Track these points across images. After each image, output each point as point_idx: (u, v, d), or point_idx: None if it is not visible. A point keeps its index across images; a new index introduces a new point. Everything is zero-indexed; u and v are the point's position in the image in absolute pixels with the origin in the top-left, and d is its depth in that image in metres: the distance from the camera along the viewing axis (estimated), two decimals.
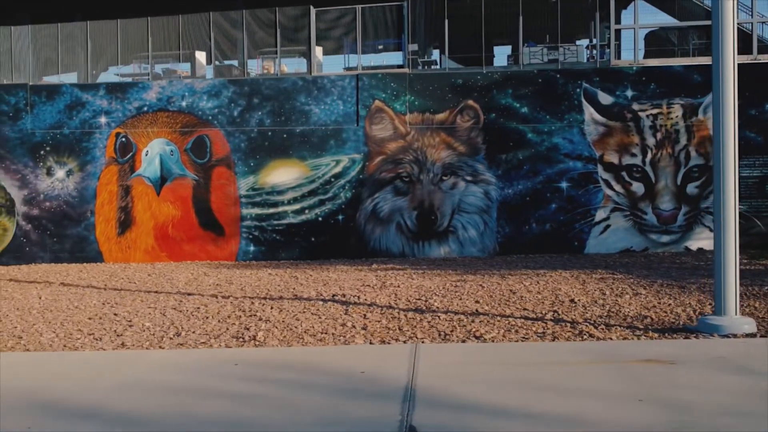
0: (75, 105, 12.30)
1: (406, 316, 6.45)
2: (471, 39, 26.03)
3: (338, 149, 11.98)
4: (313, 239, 12.05)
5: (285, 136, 12.06)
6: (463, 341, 5.34)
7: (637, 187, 11.44)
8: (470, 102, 11.77)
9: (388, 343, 5.35)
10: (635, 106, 11.45)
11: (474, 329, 5.74)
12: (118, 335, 6.04)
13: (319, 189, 12.02)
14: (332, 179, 12.00)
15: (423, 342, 5.32)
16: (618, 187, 11.47)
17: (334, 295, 7.72)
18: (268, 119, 12.09)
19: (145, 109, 12.25)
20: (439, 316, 6.35)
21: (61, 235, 12.36)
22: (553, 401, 3.56)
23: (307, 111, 12.04)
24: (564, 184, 11.60)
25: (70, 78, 24.06)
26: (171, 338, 5.85)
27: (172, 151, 12.19)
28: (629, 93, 11.49)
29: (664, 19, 26.84)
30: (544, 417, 3.33)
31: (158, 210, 12.24)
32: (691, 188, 11.37)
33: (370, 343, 5.39)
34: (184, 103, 12.20)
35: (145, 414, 3.63)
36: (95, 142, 12.29)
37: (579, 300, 6.92)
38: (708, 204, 11.27)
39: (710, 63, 5.86)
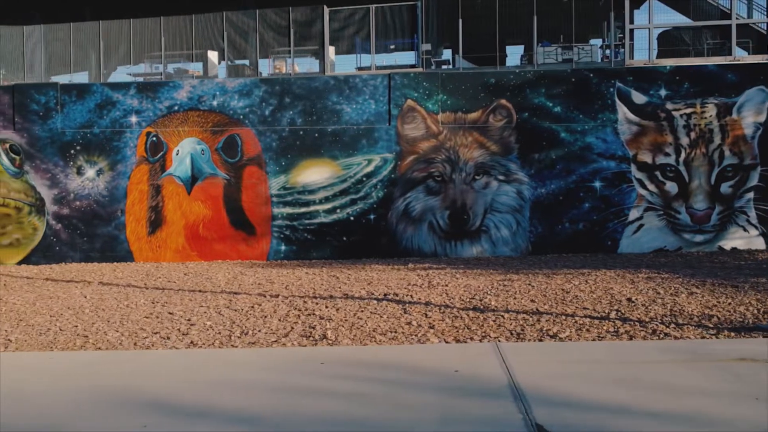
0: (105, 104, 12.27)
1: (468, 315, 6.44)
2: (483, 39, 26.06)
3: (370, 148, 11.97)
4: (344, 238, 12.03)
5: (316, 135, 12.05)
6: (540, 340, 5.34)
7: (671, 187, 11.44)
8: (503, 101, 11.76)
9: (464, 342, 5.34)
10: (669, 106, 11.45)
11: (545, 328, 5.74)
12: (183, 334, 6.02)
13: (351, 188, 12.00)
14: (364, 178, 11.99)
15: (499, 341, 5.31)
16: (651, 187, 11.48)
17: (385, 295, 7.70)
18: (300, 118, 12.08)
19: (176, 108, 12.23)
20: (502, 316, 6.34)
21: (91, 235, 12.34)
22: (670, 400, 3.56)
23: (339, 110, 12.02)
24: (597, 184, 11.60)
25: (81, 77, 24.01)
26: (239, 337, 5.83)
27: (203, 150, 12.17)
28: (663, 92, 11.50)
29: (677, 19, 26.87)
30: (668, 416, 3.33)
31: (189, 209, 12.22)
32: (725, 188, 11.38)
33: (446, 342, 5.38)
34: (215, 103, 12.18)
35: (258, 413, 3.62)
36: (126, 142, 12.26)
37: (636, 299, 6.91)
38: (742, 203, 11.29)
39: (742, 63, 5.86)
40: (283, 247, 12.13)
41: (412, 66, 27.99)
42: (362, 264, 11.06)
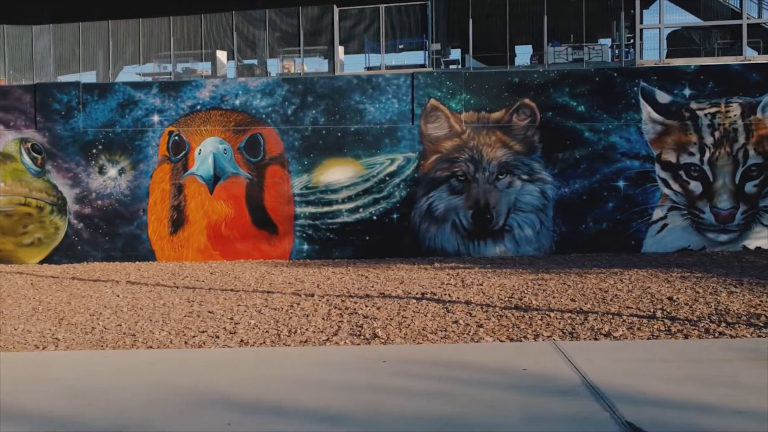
0: (127, 103, 12.25)
1: (512, 314, 6.44)
2: (491, 38, 26.09)
3: (393, 148, 11.96)
4: (367, 238, 12.02)
5: (339, 134, 12.03)
6: (595, 339, 5.34)
7: (695, 186, 11.45)
8: (526, 100, 11.76)
9: (519, 341, 5.34)
10: (693, 105, 11.45)
11: (595, 327, 5.74)
12: (231, 333, 6.01)
13: (374, 187, 11.99)
14: (387, 178, 11.98)
15: (554, 340, 5.31)
16: (675, 186, 11.48)
17: (423, 294, 7.70)
18: (322, 117, 12.06)
19: (198, 107, 12.21)
20: (548, 315, 6.34)
21: (112, 234, 12.32)
22: (752, 398, 3.55)
23: (362, 109, 12.01)
24: (621, 183, 11.60)
25: (90, 77, 24.00)
26: (289, 336, 5.82)
27: (225, 149, 12.15)
28: (687, 92, 11.50)
29: (687, 18, 26.91)
30: (755, 414, 3.33)
31: (211, 208, 12.21)
32: (750, 187, 11.38)
33: (500, 340, 5.38)
34: (237, 102, 12.16)
35: (342, 411, 3.61)
36: (148, 141, 12.25)
37: (677, 298, 6.91)
38: (767, 203, 11.29)
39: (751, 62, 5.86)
40: (305, 247, 12.11)
41: (421, 66, 28.01)
42: (387, 263, 11.05)
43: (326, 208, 12.09)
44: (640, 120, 11.58)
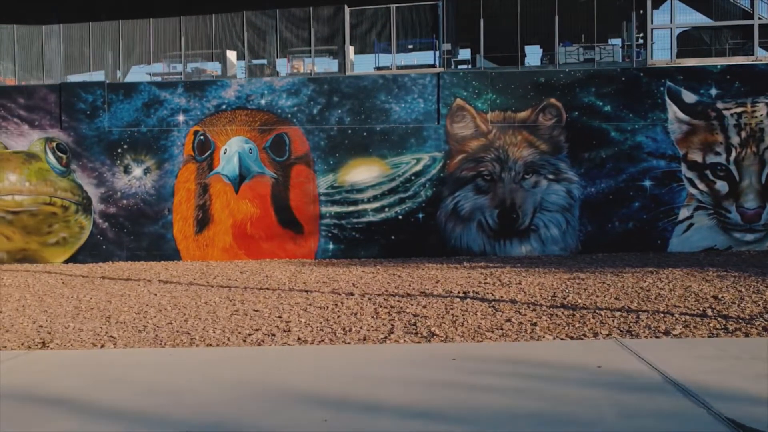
0: (152, 103, 12.27)
1: (561, 313, 6.46)
2: (501, 38, 26.10)
3: (419, 147, 11.99)
4: (392, 237, 12.05)
5: (365, 134, 12.06)
6: (655, 337, 5.36)
7: (721, 186, 11.49)
8: (552, 100, 11.80)
9: (579, 339, 5.36)
10: (719, 105, 11.50)
11: (651, 325, 5.76)
12: (285, 331, 6.03)
13: (399, 187, 12.02)
14: (412, 177, 12.01)
15: (615, 338, 5.33)
16: (702, 186, 11.52)
17: (465, 293, 7.72)
18: (348, 117, 12.09)
19: (224, 107, 12.23)
20: (599, 313, 6.36)
21: (137, 233, 12.33)
22: None
23: (388, 109, 12.04)
24: (647, 183, 11.64)
25: (98, 77, 23.98)
26: (345, 334, 5.84)
27: (250, 149, 12.17)
28: (713, 91, 11.55)
29: (697, 18, 26.94)
30: None
31: (236, 208, 12.22)
32: None
33: (561, 338, 5.40)
34: (263, 102, 12.19)
35: (431, 407, 3.63)
36: (173, 140, 12.26)
37: (723, 297, 6.94)
38: None
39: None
40: (330, 246, 12.13)
41: (431, 66, 28.06)
42: (414, 263, 11.07)
43: (352, 208, 12.11)
44: (666, 120, 11.62)
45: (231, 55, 27.48)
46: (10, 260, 12.42)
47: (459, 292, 7.75)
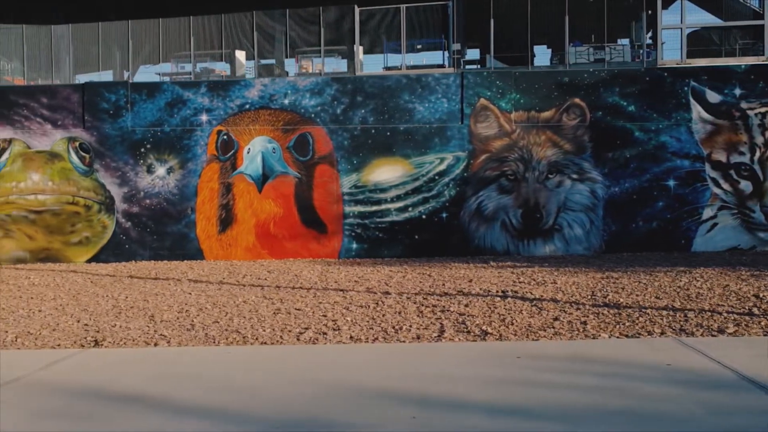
0: (176, 103, 12.27)
1: (608, 312, 6.48)
2: (510, 39, 26.17)
3: (442, 147, 12.00)
4: (416, 237, 12.06)
5: (388, 133, 12.07)
6: (711, 335, 5.38)
7: (745, 186, 11.52)
8: (576, 100, 11.82)
9: (635, 338, 5.38)
10: (743, 105, 11.53)
11: (703, 324, 5.78)
12: (335, 330, 6.04)
13: (423, 187, 12.04)
14: (436, 177, 12.02)
15: (671, 336, 5.36)
16: (726, 186, 11.55)
17: (504, 292, 7.73)
18: (371, 117, 12.10)
19: (247, 106, 12.23)
20: (645, 312, 6.38)
21: (160, 233, 12.33)
22: None
23: (411, 109, 12.05)
24: (671, 183, 11.67)
25: (107, 76, 23.99)
26: (396, 333, 5.85)
27: (274, 148, 12.18)
28: (737, 91, 11.58)
29: (706, 18, 27.02)
30: None
31: (260, 207, 12.23)
32: None
33: (617, 336, 5.42)
34: (286, 101, 12.19)
35: (518, 404, 3.64)
36: (196, 140, 12.26)
37: (763, 296, 6.97)
38: None
39: None
40: (354, 246, 12.15)
41: (440, 66, 28.08)
42: (440, 262, 11.09)
43: (375, 207, 12.12)
44: (690, 120, 11.65)
45: (240, 55, 27.47)
46: (33, 259, 12.41)
47: (497, 292, 7.77)
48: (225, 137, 12.23)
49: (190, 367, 4.75)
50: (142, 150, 12.30)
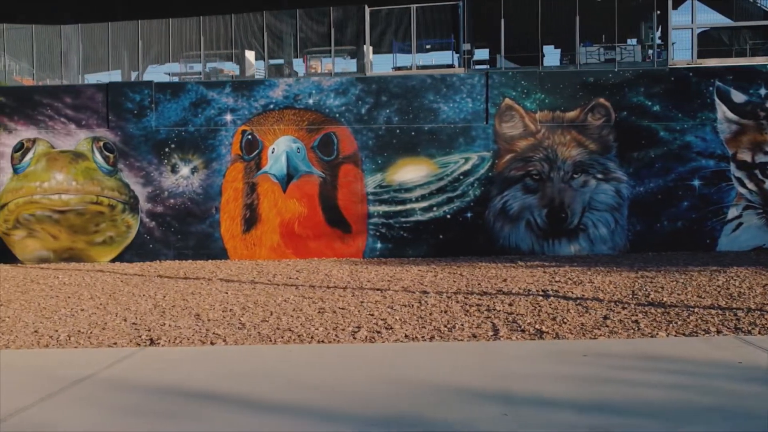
0: (200, 102, 12.27)
1: (655, 310, 6.50)
2: (519, 39, 26.20)
3: (467, 147, 12.02)
4: (441, 236, 12.07)
5: (413, 133, 12.09)
6: None
7: None
8: (601, 100, 11.84)
9: (692, 336, 5.40)
10: None
11: (757, 323, 5.81)
12: (388, 329, 6.05)
13: (448, 186, 12.05)
14: (461, 177, 12.04)
15: (726, 335, 5.38)
16: (751, 185, 11.58)
17: (545, 291, 7.75)
18: (396, 117, 12.11)
19: (272, 106, 12.24)
20: (692, 311, 6.40)
21: (184, 232, 12.34)
22: None
23: (436, 109, 12.07)
24: (696, 182, 11.70)
25: (116, 76, 23.99)
26: (450, 331, 5.86)
27: (298, 148, 12.19)
28: (763, 91, 11.61)
29: (716, 18, 27.08)
30: None
31: (284, 207, 12.23)
32: None
33: (674, 335, 5.44)
34: (311, 101, 12.20)
35: (609, 402, 3.66)
36: (221, 140, 12.27)
37: None
38: None
39: None
40: (378, 245, 12.16)
41: (450, 66, 28.12)
42: (467, 262, 11.10)
43: (400, 207, 12.14)
44: (716, 119, 11.68)
45: (249, 55, 27.48)
46: (56, 259, 12.42)
47: (538, 291, 7.79)
48: (249, 137, 12.23)
49: (258, 365, 4.76)
50: (167, 150, 12.30)
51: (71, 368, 4.75)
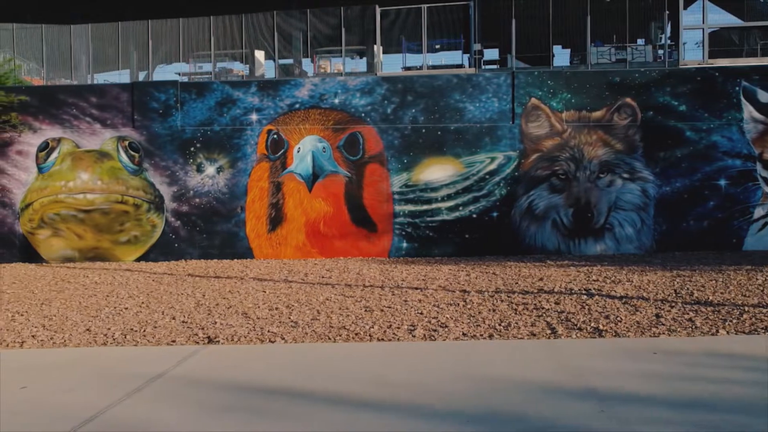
0: (225, 102, 12.27)
1: (705, 309, 6.52)
2: (528, 39, 26.25)
3: (493, 146, 12.03)
4: (466, 236, 12.09)
5: (439, 133, 12.10)
6: None
7: None
8: (627, 100, 11.86)
9: (752, 334, 5.42)
10: None
11: None
12: (443, 327, 6.06)
13: (473, 186, 12.06)
14: (487, 176, 12.05)
15: None
16: None
17: (587, 290, 7.77)
18: (422, 116, 12.13)
19: (297, 106, 12.25)
20: (743, 309, 6.42)
21: (210, 232, 12.34)
22: None
23: (462, 108, 12.08)
24: (722, 182, 11.72)
25: (125, 76, 23.97)
26: (506, 329, 5.88)
27: (324, 147, 12.19)
28: None
29: (728, 19, 27.13)
30: None
31: (309, 206, 12.24)
32: None
33: (735, 333, 5.46)
34: (336, 101, 12.20)
35: (701, 399, 3.68)
36: (246, 139, 12.27)
37: None
38: None
39: None
40: (404, 244, 12.17)
41: (460, 66, 28.13)
42: (496, 261, 11.12)
43: (425, 206, 12.15)
44: (742, 119, 11.71)
45: (259, 54, 27.47)
46: (81, 258, 12.41)
47: (580, 290, 7.80)
48: (275, 136, 12.24)
49: (329, 363, 4.77)
50: (192, 149, 12.30)
51: (140, 366, 4.76)
